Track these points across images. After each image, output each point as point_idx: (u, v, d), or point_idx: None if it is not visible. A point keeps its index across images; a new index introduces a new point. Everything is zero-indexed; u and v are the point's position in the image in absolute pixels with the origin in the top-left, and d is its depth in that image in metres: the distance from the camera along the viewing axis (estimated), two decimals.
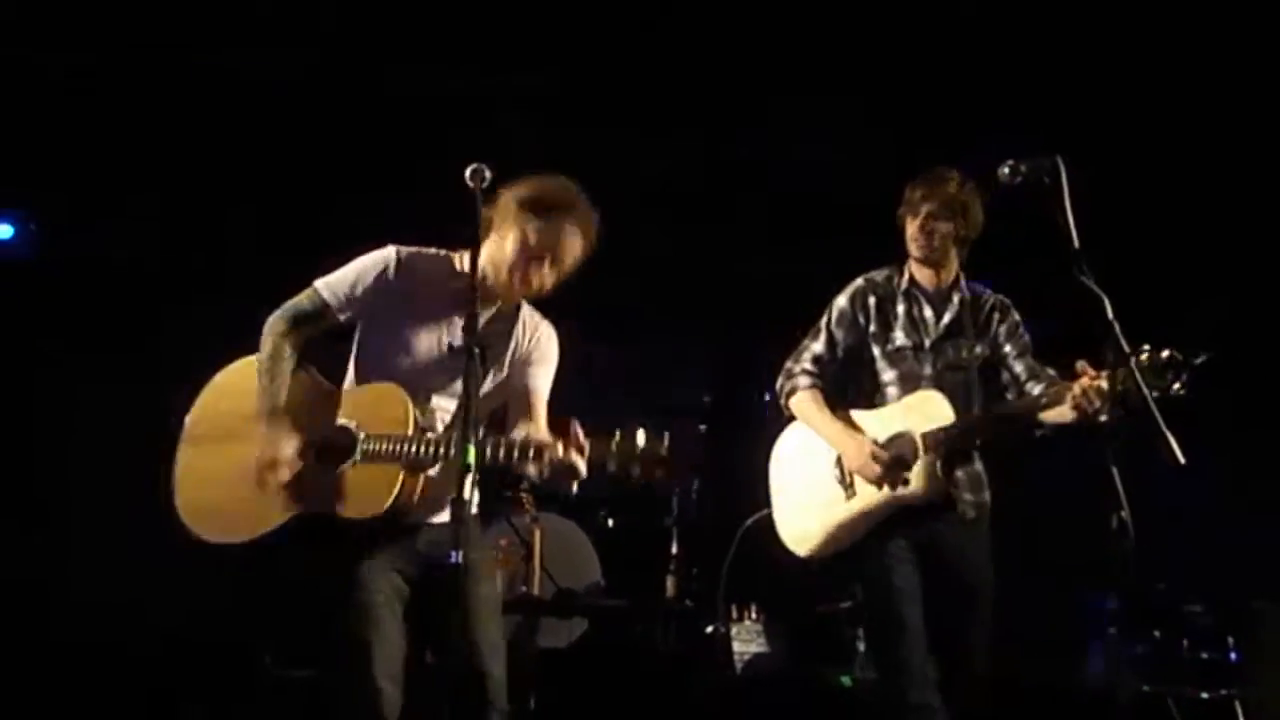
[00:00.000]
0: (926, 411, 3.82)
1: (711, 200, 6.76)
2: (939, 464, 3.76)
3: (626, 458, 3.11)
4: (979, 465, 3.95)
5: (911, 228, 3.94)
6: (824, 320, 4.06)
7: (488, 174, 3.18)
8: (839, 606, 5.96)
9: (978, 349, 3.96)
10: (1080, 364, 3.50)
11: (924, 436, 3.79)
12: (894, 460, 3.79)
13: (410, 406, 3.23)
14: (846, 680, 5.57)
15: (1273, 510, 6.33)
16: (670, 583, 5.56)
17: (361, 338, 3.44)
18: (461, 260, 3.41)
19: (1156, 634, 5.92)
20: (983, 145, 3.55)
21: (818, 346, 4.05)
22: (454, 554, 2.87)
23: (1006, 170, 3.38)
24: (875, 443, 3.84)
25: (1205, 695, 5.69)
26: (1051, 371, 3.86)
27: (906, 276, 4.03)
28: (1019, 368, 3.94)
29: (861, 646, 5.86)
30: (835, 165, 6.26)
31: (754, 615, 5.80)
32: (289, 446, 3.26)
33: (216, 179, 6.48)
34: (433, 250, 3.47)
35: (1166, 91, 5.85)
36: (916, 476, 3.78)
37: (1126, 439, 3.14)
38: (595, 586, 6.03)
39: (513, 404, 3.52)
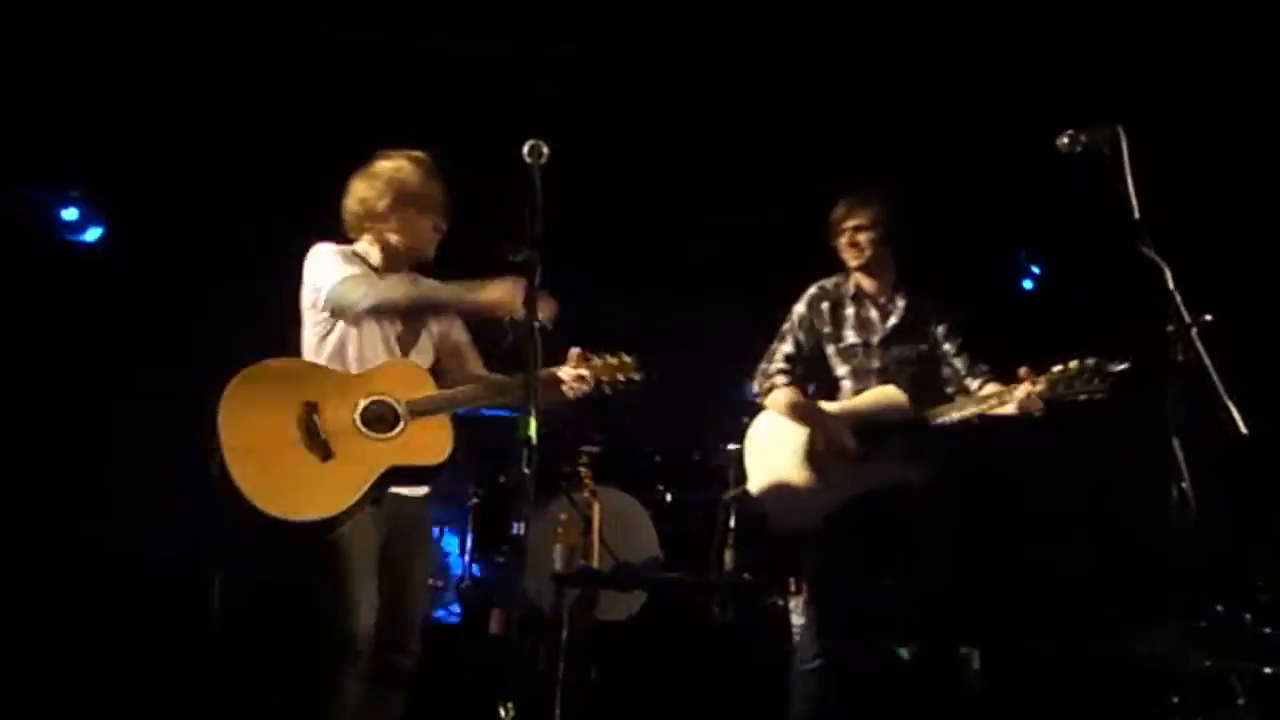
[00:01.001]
0: (884, 402, 4.27)
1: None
2: (899, 449, 4.20)
3: (609, 370, 3.81)
4: (925, 444, 4.28)
5: (841, 243, 4.42)
6: (786, 325, 4.52)
7: (545, 149, 3.23)
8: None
9: (921, 346, 4.39)
10: (1023, 370, 3.99)
11: (883, 426, 4.22)
12: (861, 444, 4.23)
13: (429, 376, 3.73)
14: (904, 652, 5.57)
15: None
16: (728, 556, 5.58)
17: (329, 324, 3.72)
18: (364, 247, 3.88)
19: (1219, 609, 5.87)
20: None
21: (787, 347, 4.50)
22: (516, 525, 2.98)
23: (1066, 140, 3.39)
24: (850, 433, 4.26)
25: (1269, 671, 5.64)
26: (985, 366, 4.33)
27: (853, 283, 4.48)
28: (958, 363, 4.37)
29: None
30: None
31: None
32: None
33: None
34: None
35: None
36: (883, 460, 4.21)
37: (1186, 410, 3.12)
38: (654, 560, 6.07)
39: (449, 359, 3.93)
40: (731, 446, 6.15)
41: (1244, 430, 2.99)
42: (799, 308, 4.51)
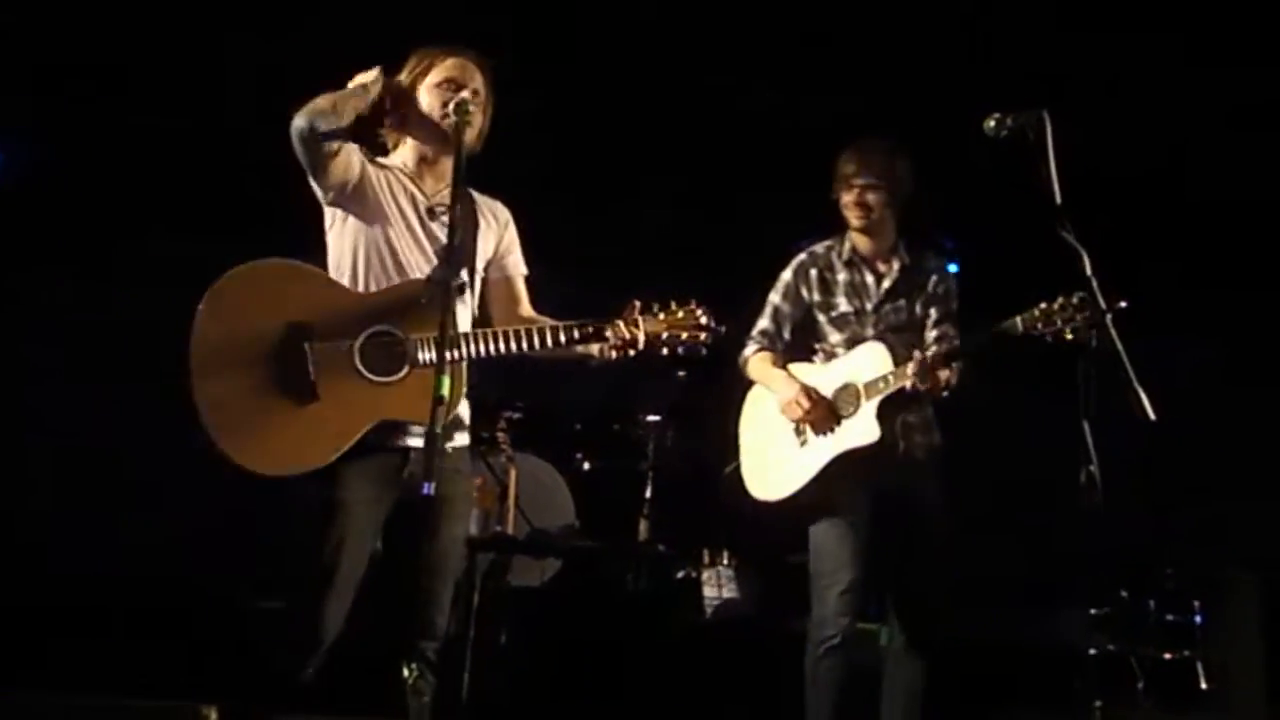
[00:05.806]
0: (868, 361, 4.04)
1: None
2: (879, 410, 3.96)
3: (677, 326, 3.26)
4: (930, 410, 4.16)
5: (847, 199, 4.18)
6: (772, 294, 4.32)
7: (471, 108, 3.18)
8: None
9: (917, 310, 4.20)
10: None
11: (866, 386, 4.01)
12: (821, 401, 4.06)
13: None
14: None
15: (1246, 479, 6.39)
16: (643, 526, 5.59)
17: (344, 231, 3.25)
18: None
19: (1124, 594, 5.98)
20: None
21: (764, 323, 4.30)
22: (427, 486, 2.77)
23: (992, 123, 3.40)
24: (812, 391, 4.08)
25: (1168, 656, 5.76)
26: (953, 332, 4.12)
27: (848, 246, 4.25)
28: (933, 333, 4.17)
29: None
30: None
31: (726, 561, 5.84)
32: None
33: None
34: None
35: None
36: (860, 423, 3.99)
37: (1099, 394, 3.15)
38: (569, 528, 6.06)
39: (493, 294, 3.43)
40: (651, 418, 6.16)
41: (1153, 416, 3.02)
42: (785, 275, 4.31)
